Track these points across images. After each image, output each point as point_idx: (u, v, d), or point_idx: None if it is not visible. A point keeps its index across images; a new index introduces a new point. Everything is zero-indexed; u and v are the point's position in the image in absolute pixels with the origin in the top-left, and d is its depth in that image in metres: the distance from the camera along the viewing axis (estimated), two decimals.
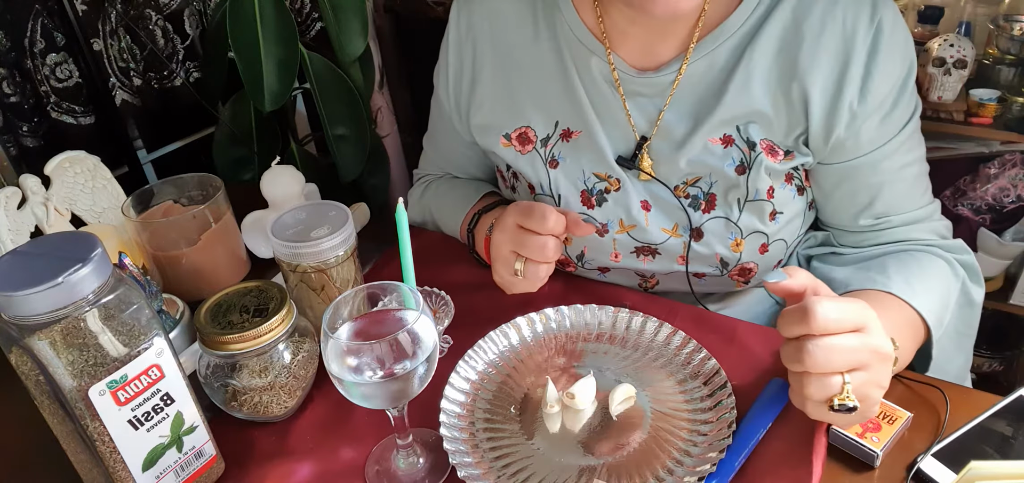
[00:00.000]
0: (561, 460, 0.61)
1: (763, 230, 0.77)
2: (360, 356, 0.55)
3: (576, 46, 0.78)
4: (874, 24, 0.68)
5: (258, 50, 1.21)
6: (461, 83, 0.87)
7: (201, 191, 0.91)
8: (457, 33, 0.86)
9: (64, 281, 0.50)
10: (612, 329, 0.74)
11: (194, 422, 0.60)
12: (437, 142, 1.00)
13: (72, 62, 1.35)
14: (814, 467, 0.58)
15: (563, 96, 0.79)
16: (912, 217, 0.77)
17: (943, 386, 0.65)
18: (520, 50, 0.82)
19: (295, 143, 1.46)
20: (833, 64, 0.69)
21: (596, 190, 0.79)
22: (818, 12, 0.69)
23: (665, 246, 0.79)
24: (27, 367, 0.53)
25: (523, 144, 0.82)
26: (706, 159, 0.74)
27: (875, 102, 0.70)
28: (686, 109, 0.75)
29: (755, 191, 0.74)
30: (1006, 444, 0.59)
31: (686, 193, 0.77)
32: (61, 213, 0.88)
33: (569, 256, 0.84)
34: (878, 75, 0.69)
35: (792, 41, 0.70)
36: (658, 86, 0.75)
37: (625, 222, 0.79)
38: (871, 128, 0.71)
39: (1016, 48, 1.28)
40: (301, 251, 0.69)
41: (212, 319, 0.66)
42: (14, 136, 1.33)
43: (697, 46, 0.73)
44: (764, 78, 0.72)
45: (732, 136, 0.73)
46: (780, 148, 0.74)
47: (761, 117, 0.72)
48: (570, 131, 0.80)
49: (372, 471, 0.64)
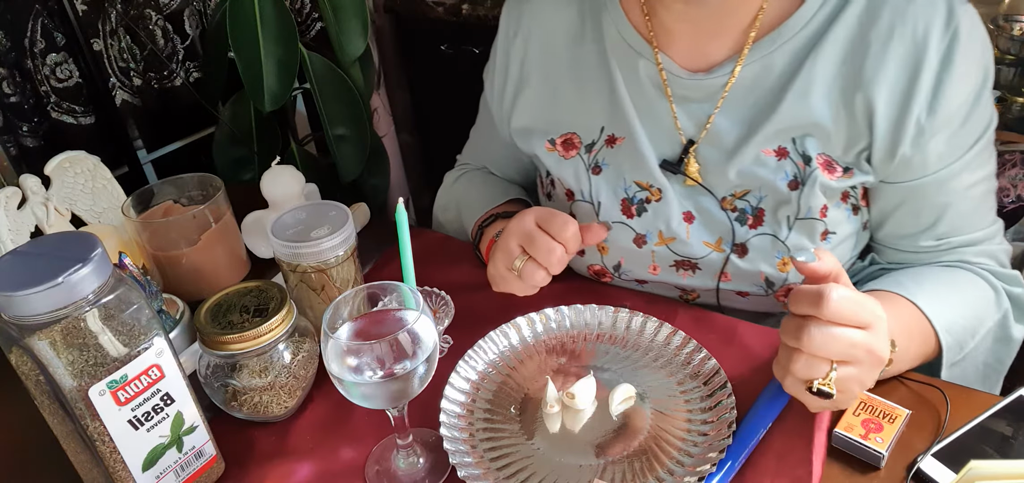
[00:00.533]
0: (561, 460, 0.61)
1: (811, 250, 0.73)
2: (360, 356, 0.55)
3: (622, 48, 0.76)
4: (950, 30, 0.63)
5: (258, 50, 1.21)
6: (506, 85, 0.85)
7: (201, 191, 0.91)
8: (506, 34, 0.85)
9: (64, 281, 0.50)
10: (612, 329, 0.74)
11: (194, 422, 0.60)
12: (480, 137, 0.99)
13: (72, 62, 1.35)
14: (814, 467, 0.58)
15: (608, 101, 0.77)
16: (971, 238, 0.72)
17: (943, 386, 0.65)
18: (567, 53, 0.80)
19: (295, 143, 1.46)
20: (901, 73, 0.64)
21: (637, 199, 0.76)
22: (887, 16, 0.64)
23: (706, 261, 0.75)
24: (27, 367, 0.53)
25: (567, 150, 0.79)
26: (757, 171, 0.70)
27: (945, 116, 0.64)
28: (738, 115, 0.71)
29: (807, 209, 0.69)
30: (1006, 444, 0.59)
31: (734, 206, 0.72)
32: (61, 213, 0.88)
33: (606, 267, 0.81)
34: (950, 87, 0.63)
35: (858, 48, 0.65)
36: (708, 89, 0.71)
37: (664, 234, 0.75)
38: (939, 144, 0.66)
39: (1016, 48, 1.28)
40: (301, 251, 0.69)
41: (212, 319, 0.66)
42: (14, 136, 1.33)
43: (752, 47, 0.69)
44: (826, 88, 0.67)
45: (787, 148, 0.69)
46: (838, 164, 0.69)
47: (819, 130, 0.68)
48: (615, 137, 0.77)
49: (372, 471, 0.64)
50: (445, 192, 1.01)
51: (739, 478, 0.59)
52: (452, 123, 1.13)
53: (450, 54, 1.68)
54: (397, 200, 0.63)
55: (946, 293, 0.69)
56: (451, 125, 1.14)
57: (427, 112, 1.88)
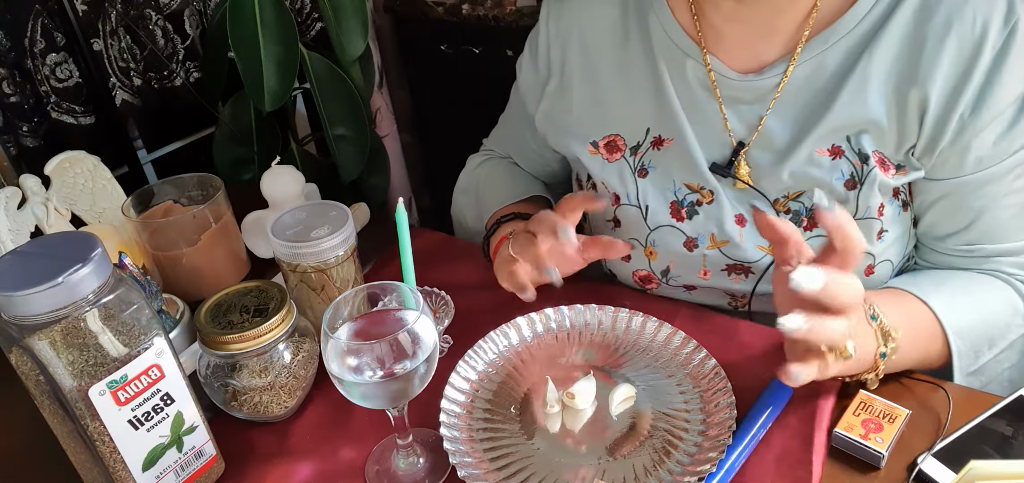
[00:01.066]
0: (561, 460, 0.61)
1: (870, 250, 0.70)
2: (360, 356, 0.55)
3: (670, 49, 0.74)
4: (1008, 26, 0.60)
5: (258, 50, 1.21)
6: (546, 86, 0.84)
7: (201, 191, 0.91)
8: (545, 35, 0.83)
9: (64, 281, 0.50)
10: (612, 329, 0.74)
11: (194, 422, 0.60)
12: (509, 127, 0.98)
13: (72, 62, 1.35)
14: (814, 467, 0.58)
15: (654, 102, 0.75)
16: (1010, 247, 0.69)
17: (944, 386, 0.65)
18: (610, 54, 0.78)
19: (295, 143, 1.46)
20: (954, 68, 0.62)
21: (687, 202, 0.74)
22: (944, 10, 0.62)
23: (759, 265, 0.73)
24: (27, 367, 0.53)
25: (611, 152, 0.78)
26: (811, 171, 0.68)
27: (989, 116, 0.62)
28: (791, 115, 0.69)
29: (866, 208, 0.68)
30: (1006, 444, 0.59)
31: (787, 208, 0.71)
32: (61, 213, 0.88)
33: (653, 272, 0.79)
34: (1000, 86, 0.61)
35: (914, 43, 0.64)
36: (759, 90, 0.70)
37: (717, 237, 0.73)
38: (981, 145, 0.64)
39: None
40: (301, 251, 0.69)
41: (212, 319, 0.66)
42: (14, 136, 1.33)
43: (805, 46, 0.67)
44: (881, 84, 0.65)
45: (841, 147, 0.67)
46: (891, 162, 0.67)
47: (875, 127, 0.66)
48: (661, 139, 0.75)
49: (372, 471, 0.64)
50: (467, 175, 1.01)
51: (739, 478, 0.59)
52: (452, 123, 1.13)
53: (450, 54, 1.68)
54: (397, 200, 0.63)
55: (964, 298, 0.67)
56: (451, 125, 1.14)
57: (427, 112, 1.88)
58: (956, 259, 0.72)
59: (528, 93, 0.87)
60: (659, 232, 0.76)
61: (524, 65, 0.88)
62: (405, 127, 1.88)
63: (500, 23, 1.51)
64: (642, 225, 0.77)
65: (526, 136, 0.92)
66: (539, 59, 0.84)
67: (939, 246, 0.73)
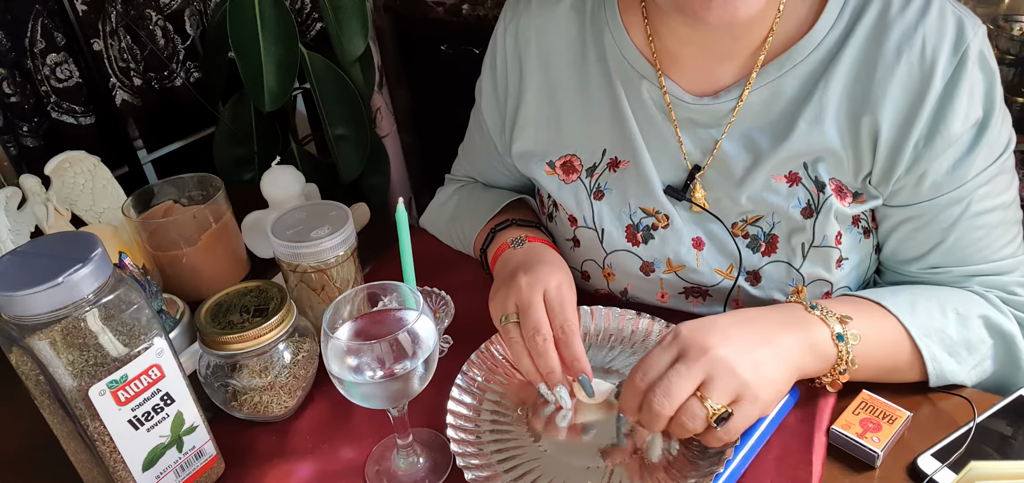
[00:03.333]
0: (568, 462, 0.61)
1: (827, 278, 0.70)
2: (360, 356, 0.55)
3: (626, 69, 0.72)
4: (958, 53, 0.60)
5: (258, 50, 1.21)
6: (506, 103, 0.81)
7: (201, 191, 0.91)
8: (503, 49, 0.80)
9: (64, 281, 0.50)
10: (619, 330, 0.74)
11: (194, 422, 0.60)
12: (473, 155, 0.93)
13: (72, 62, 1.35)
14: (814, 467, 0.58)
15: (611, 123, 0.74)
16: (978, 269, 0.67)
17: (945, 386, 0.65)
18: (567, 71, 0.76)
19: (295, 143, 1.46)
20: (906, 96, 0.62)
21: (642, 226, 0.73)
22: (895, 36, 0.62)
23: (717, 288, 0.73)
24: (27, 367, 0.53)
25: (567, 173, 0.76)
26: (768, 197, 0.68)
27: (944, 143, 0.62)
28: (747, 140, 0.68)
29: (822, 236, 0.67)
30: (1006, 444, 0.59)
31: (745, 232, 0.70)
32: (61, 213, 0.88)
33: (612, 292, 0.80)
34: (952, 115, 0.61)
35: (866, 69, 0.63)
36: (715, 114, 0.69)
37: (673, 262, 0.73)
38: (938, 171, 0.63)
39: (1016, 48, 1.28)
40: (301, 251, 0.69)
41: (212, 319, 0.66)
42: (14, 136, 1.34)
43: (761, 72, 0.66)
44: (836, 112, 0.64)
45: (798, 174, 0.67)
46: (849, 190, 0.67)
47: (831, 155, 0.65)
48: (618, 160, 0.74)
49: (372, 471, 0.64)
50: (436, 210, 0.96)
51: (739, 478, 0.59)
52: (452, 123, 1.12)
53: (450, 54, 1.68)
54: (397, 200, 0.63)
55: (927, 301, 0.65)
56: (451, 125, 1.14)
57: (427, 112, 1.88)
58: (923, 279, 0.70)
59: (490, 114, 0.84)
60: (615, 256, 0.76)
61: (483, 88, 0.85)
62: (405, 127, 1.88)
63: None
64: (598, 248, 0.77)
65: (493, 159, 0.88)
66: (497, 79, 0.82)
67: (904, 269, 0.71)
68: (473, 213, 0.88)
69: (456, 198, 0.94)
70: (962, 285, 0.68)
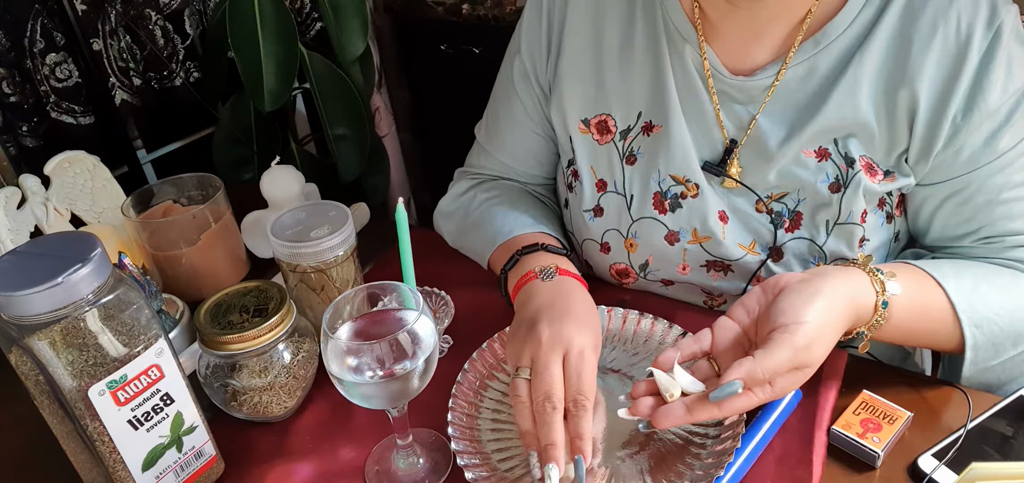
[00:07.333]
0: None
1: (849, 257, 0.70)
2: (360, 356, 0.55)
3: (671, 31, 0.72)
4: (993, 28, 0.62)
5: (258, 50, 1.21)
6: (549, 45, 0.79)
7: (201, 191, 0.91)
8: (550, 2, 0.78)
9: (64, 281, 0.50)
10: (621, 330, 0.73)
11: (194, 422, 0.60)
12: (498, 126, 0.88)
13: (72, 62, 1.35)
14: (814, 467, 0.58)
15: (651, 85, 0.74)
16: None
17: (945, 386, 0.65)
18: (613, 26, 0.75)
19: (295, 143, 1.46)
20: (941, 70, 0.63)
21: (671, 194, 0.73)
22: (930, 13, 0.63)
23: (740, 264, 0.73)
24: (27, 367, 0.53)
25: (602, 133, 0.76)
26: (797, 172, 0.69)
27: (981, 116, 0.63)
28: (782, 117, 0.69)
29: (848, 213, 0.68)
30: (1006, 444, 0.59)
31: (769, 208, 0.71)
32: (61, 213, 0.88)
33: (631, 266, 0.79)
34: (989, 86, 0.62)
35: (902, 45, 0.64)
36: (751, 92, 0.70)
37: (699, 232, 0.73)
38: (974, 145, 0.65)
39: None
40: (301, 251, 0.69)
41: (212, 319, 0.66)
42: (14, 136, 1.33)
43: (798, 50, 0.67)
44: (871, 87, 0.66)
45: (828, 149, 0.68)
46: (879, 167, 0.68)
47: (863, 131, 0.67)
48: (652, 125, 0.74)
49: (372, 471, 0.64)
50: (452, 200, 0.92)
51: (740, 480, 0.59)
52: (452, 123, 1.12)
53: (450, 54, 1.68)
54: (397, 200, 0.63)
55: (988, 288, 0.65)
56: (451, 125, 1.14)
57: (427, 112, 1.88)
58: (978, 252, 0.71)
59: (533, 56, 0.81)
60: (641, 223, 0.75)
61: (523, 32, 0.82)
62: (405, 127, 1.88)
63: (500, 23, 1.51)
64: (625, 215, 0.76)
65: (525, 127, 0.85)
66: (543, 15, 0.79)
67: (957, 245, 0.72)
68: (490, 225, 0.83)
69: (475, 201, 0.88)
70: (1016, 256, 0.68)
